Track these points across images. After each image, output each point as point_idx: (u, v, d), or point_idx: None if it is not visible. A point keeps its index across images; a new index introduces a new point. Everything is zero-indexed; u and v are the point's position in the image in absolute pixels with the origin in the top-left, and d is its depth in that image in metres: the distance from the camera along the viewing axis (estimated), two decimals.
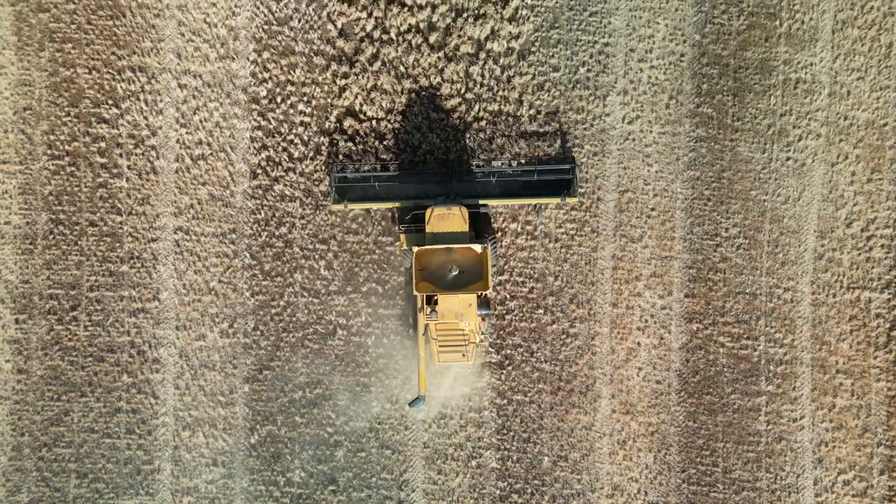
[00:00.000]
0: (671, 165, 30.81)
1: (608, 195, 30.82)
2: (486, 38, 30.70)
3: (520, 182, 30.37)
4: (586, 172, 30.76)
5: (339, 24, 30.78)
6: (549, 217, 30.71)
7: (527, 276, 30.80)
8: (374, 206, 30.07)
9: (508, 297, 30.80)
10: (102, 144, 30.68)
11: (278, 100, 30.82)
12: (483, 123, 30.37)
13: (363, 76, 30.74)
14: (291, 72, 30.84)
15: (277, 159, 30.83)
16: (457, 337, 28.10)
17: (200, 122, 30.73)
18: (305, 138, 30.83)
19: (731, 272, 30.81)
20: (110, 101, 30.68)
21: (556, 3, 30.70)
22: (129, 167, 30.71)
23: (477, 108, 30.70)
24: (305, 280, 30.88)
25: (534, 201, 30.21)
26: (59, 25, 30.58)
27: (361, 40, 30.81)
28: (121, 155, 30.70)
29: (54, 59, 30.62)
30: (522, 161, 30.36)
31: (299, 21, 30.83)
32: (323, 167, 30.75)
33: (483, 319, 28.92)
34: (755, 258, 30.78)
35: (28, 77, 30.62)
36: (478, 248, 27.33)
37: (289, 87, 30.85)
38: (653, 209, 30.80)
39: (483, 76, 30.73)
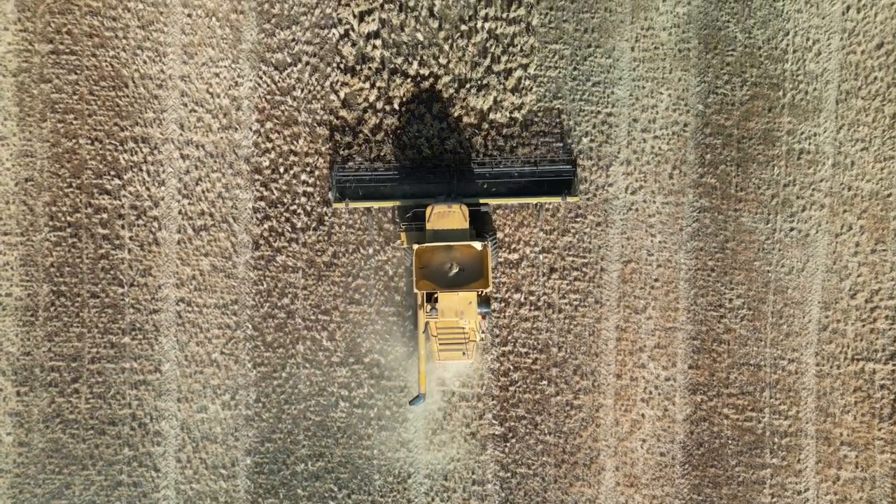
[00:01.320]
0: (675, 236, 30.73)
1: (611, 266, 30.73)
2: (489, 109, 30.66)
3: (521, 181, 30.18)
4: (589, 242, 30.69)
5: (341, 95, 30.73)
6: (552, 287, 30.63)
7: (530, 346, 30.69)
8: (375, 204, 29.92)
9: (512, 368, 30.69)
10: (104, 215, 30.59)
11: (281, 170, 30.76)
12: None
13: (366, 146, 30.68)
14: (294, 142, 30.79)
15: (280, 230, 30.74)
16: (457, 335, 27.92)
17: (203, 192, 30.66)
18: (308, 208, 30.75)
19: (735, 343, 30.70)
20: (112, 172, 30.61)
21: (559, 73, 30.67)
22: (131, 238, 30.62)
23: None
24: (308, 351, 30.76)
25: (534, 200, 30.06)
26: (62, 96, 30.53)
27: (364, 110, 30.77)
28: (123, 226, 30.61)
29: (56, 129, 30.56)
30: (523, 160, 30.20)
31: (302, 91, 30.79)
32: (326, 237, 30.69)
33: (483, 317, 28.67)
34: (759, 329, 30.67)
35: (30, 148, 30.56)
36: (478, 245, 27.23)
37: (291, 158, 30.79)
38: (656, 280, 30.71)
39: (486, 146, 30.68)
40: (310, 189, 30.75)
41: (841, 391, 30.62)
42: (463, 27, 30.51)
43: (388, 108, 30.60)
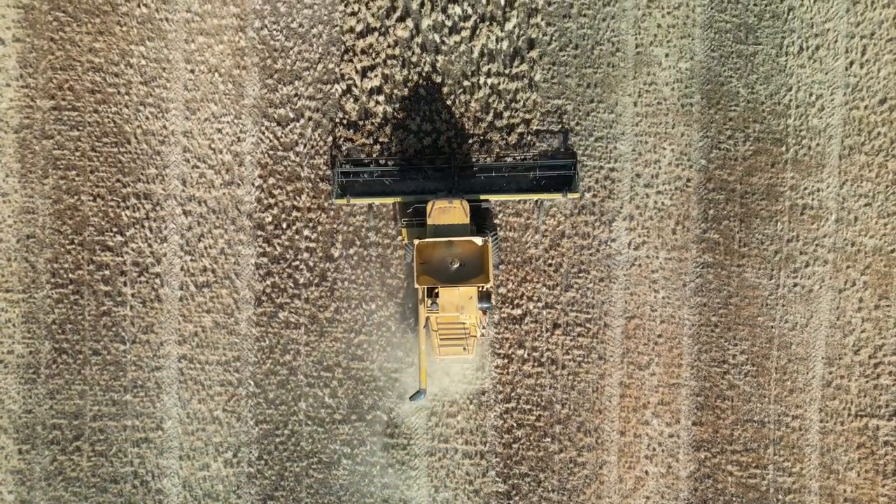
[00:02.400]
0: (678, 291, 30.67)
1: (615, 321, 30.66)
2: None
3: (521, 178, 30.20)
4: (592, 298, 30.63)
5: (344, 150, 30.69)
6: (556, 343, 30.55)
7: (534, 403, 30.59)
8: (376, 200, 29.95)
9: (515, 425, 30.59)
10: (106, 272, 30.51)
11: (284, 226, 30.70)
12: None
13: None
14: (297, 197, 30.73)
15: (282, 286, 30.66)
16: (457, 330, 27.88)
17: (205, 249, 30.59)
18: (311, 264, 30.67)
19: (739, 400, 30.61)
20: (115, 229, 30.53)
21: (562, 128, 30.64)
22: (133, 295, 30.53)
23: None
24: (310, 408, 30.65)
25: (535, 196, 30.02)
26: (64, 153, 30.47)
27: (368, 165, 30.71)
28: (125, 283, 30.52)
29: (58, 186, 30.50)
30: (524, 157, 30.20)
31: (305, 146, 30.75)
32: (328, 293, 30.63)
33: (484, 313, 28.56)
34: (763, 386, 30.59)
35: (32, 205, 30.49)
36: (478, 240, 27.20)
37: (294, 213, 30.73)
38: (660, 336, 30.64)
39: (489, 202, 30.59)
40: (312, 244, 30.67)
41: (844, 448, 30.53)
42: (465, 83, 30.48)
43: (390, 162, 30.54)
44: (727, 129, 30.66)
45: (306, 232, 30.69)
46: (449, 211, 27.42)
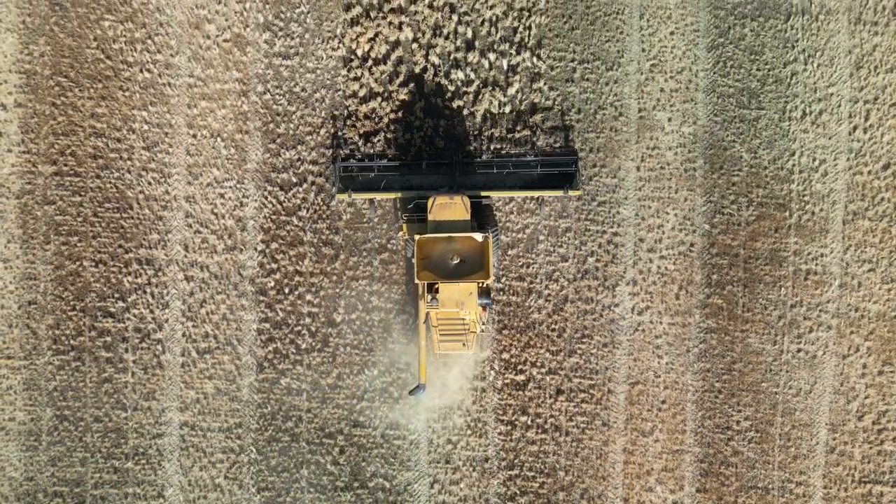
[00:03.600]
0: (682, 357, 30.58)
1: (618, 387, 30.56)
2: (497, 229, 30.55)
3: (522, 174, 30.19)
4: (596, 363, 30.55)
5: (347, 215, 30.63)
6: (559, 409, 30.45)
7: (537, 470, 30.47)
8: (377, 195, 29.90)
9: (518, 492, 30.47)
10: (108, 339, 30.42)
11: (286, 291, 30.62)
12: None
13: (372, 266, 30.58)
14: (300, 262, 30.66)
15: (284, 352, 30.57)
16: (457, 326, 27.80)
17: (207, 314, 30.50)
18: (313, 329, 30.59)
19: (743, 466, 30.50)
20: (116, 295, 30.45)
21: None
22: (134, 362, 30.43)
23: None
24: (312, 475, 30.52)
25: (536, 193, 29.97)
26: (65, 218, 30.40)
27: (370, 228, 30.67)
28: (126, 349, 30.42)
29: (60, 252, 30.42)
30: (525, 153, 30.15)
31: (308, 211, 30.69)
32: (331, 359, 30.54)
33: (484, 309, 28.37)
34: (767, 452, 30.48)
35: (33, 270, 30.41)
36: (479, 237, 27.16)
37: (297, 278, 30.66)
38: (663, 402, 30.54)
39: (492, 266, 30.51)
40: (315, 310, 30.60)
41: None
42: (468, 147, 30.46)
43: (393, 226, 30.53)
44: (730, 194, 30.62)
45: (308, 297, 30.62)
46: (450, 207, 27.45)
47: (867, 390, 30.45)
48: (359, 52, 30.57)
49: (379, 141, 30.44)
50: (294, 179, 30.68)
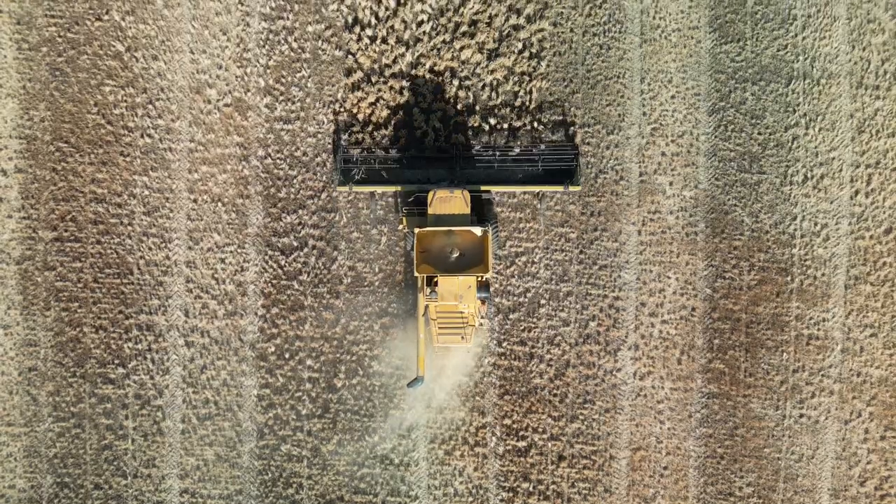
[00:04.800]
0: (684, 422, 30.48)
1: (620, 453, 30.45)
2: (496, 293, 30.50)
3: (523, 170, 30.21)
4: (598, 429, 30.44)
5: (348, 279, 30.58)
6: (561, 476, 30.33)
7: None
8: (378, 188, 29.93)
9: None
10: (108, 405, 30.34)
11: (286, 356, 30.54)
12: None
13: (372, 331, 30.50)
14: (300, 327, 30.59)
15: (285, 417, 30.47)
16: (456, 319, 27.83)
17: (207, 380, 30.42)
18: (313, 395, 30.50)
19: None
20: (117, 361, 30.37)
21: (566, 256, 30.55)
22: (134, 428, 30.34)
23: (486, 361, 30.53)
24: None
25: (536, 188, 29.96)
26: (66, 284, 30.35)
27: (372, 293, 30.61)
28: (126, 416, 30.33)
29: (60, 318, 30.35)
30: (526, 148, 30.15)
31: (308, 275, 30.63)
32: (331, 425, 30.46)
33: (482, 303, 28.45)
34: None
35: (34, 337, 30.34)
36: (478, 231, 27.25)
37: (297, 343, 30.58)
38: (665, 467, 30.43)
39: (493, 329, 30.51)
40: (315, 375, 30.51)
41: None
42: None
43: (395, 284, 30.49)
44: (732, 258, 30.56)
45: (309, 362, 30.54)
46: (450, 201, 27.56)
47: (869, 455, 30.34)
48: (360, 117, 30.55)
49: (380, 206, 30.40)
50: (295, 244, 30.63)
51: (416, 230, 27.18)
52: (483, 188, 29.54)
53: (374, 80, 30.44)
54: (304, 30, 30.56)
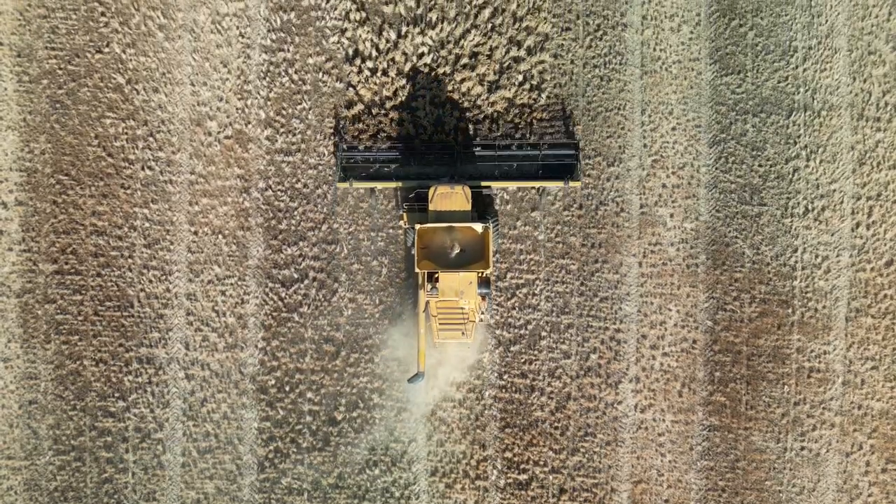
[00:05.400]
0: (685, 455, 30.44)
1: (621, 486, 30.40)
2: (496, 325, 30.48)
3: (523, 165, 30.21)
4: (599, 462, 30.40)
5: (348, 311, 30.55)
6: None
7: None
8: (378, 185, 29.91)
9: None
10: (108, 438, 30.29)
11: (287, 388, 30.50)
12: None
13: (373, 363, 30.49)
14: (301, 359, 30.56)
15: (285, 451, 30.42)
16: (456, 315, 27.78)
17: (208, 413, 30.38)
18: (314, 428, 30.45)
19: None
20: (117, 394, 30.33)
21: (567, 288, 30.52)
22: (134, 462, 30.29)
23: (487, 393, 30.50)
24: None
25: (537, 184, 29.95)
26: (66, 317, 30.31)
27: (373, 325, 30.59)
28: (127, 450, 30.29)
29: (60, 351, 30.32)
30: (526, 143, 30.10)
31: (309, 307, 30.61)
32: (332, 458, 30.42)
33: (483, 299, 28.40)
34: None
35: (34, 370, 30.31)
36: (479, 227, 27.24)
37: (297, 376, 30.55)
38: (667, 500, 30.38)
39: (494, 363, 30.49)
40: (316, 408, 30.47)
41: None
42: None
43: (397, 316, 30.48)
44: (733, 290, 30.54)
45: (309, 395, 30.50)
46: (451, 197, 27.49)
47: (870, 488, 30.30)
48: (360, 147, 30.55)
49: (380, 238, 30.38)
50: (295, 275, 30.61)
51: (417, 226, 27.23)
52: (484, 184, 29.56)
53: (374, 111, 30.43)
54: (305, 62, 30.57)
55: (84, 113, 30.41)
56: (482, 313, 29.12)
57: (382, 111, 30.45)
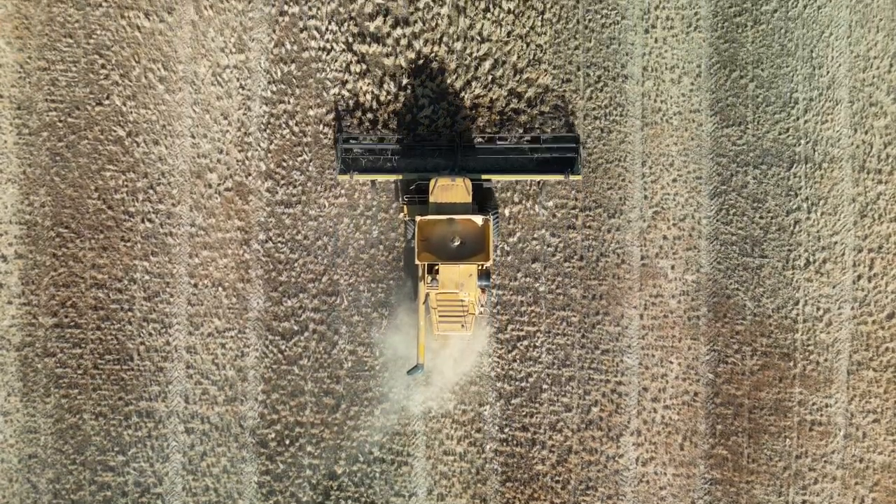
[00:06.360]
0: None
1: None
2: (498, 377, 30.40)
3: (524, 159, 30.17)
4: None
5: (348, 363, 30.48)
6: None
7: None
8: (379, 177, 29.91)
9: None
10: (108, 493, 30.19)
11: (287, 442, 30.40)
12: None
13: (373, 415, 30.40)
14: (300, 412, 30.47)
15: None
16: (456, 307, 27.79)
17: (207, 467, 30.28)
18: (314, 482, 30.34)
19: None
20: (116, 448, 30.24)
21: (568, 340, 30.44)
22: None
23: (488, 447, 30.41)
24: None
25: (537, 177, 29.94)
26: (66, 370, 30.24)
27: (373, 377, 30.51)
28: None
29: (60, 405, 30.23)
30: (527, 137, 30.10)
31: (309, 360, 30.52)
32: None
33: (483, 291, 28.40)
34: None
35: (34, 424, 30.22)
36: (479, 220, 27.28)
37: (297, 429, 30.45)
38: None
39: (495, 416, 30.39)
40: (316, 461, 30.36)
41: None
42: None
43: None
44: (734, 342, 30.46)
45: (309, 448, 30.39)
46: (451, 189, 27.56)
47: None
48: (361, 203, 30.48)
49: (380, 289, 30.31)
50: (295, 328, 30.54)
51: (418, 218, 27.26)
52: (484, 177, 29.55)
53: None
54: (306, 114, 30.55)
55: (84, 165, 30.39)
56: (482, 306, 29.14)
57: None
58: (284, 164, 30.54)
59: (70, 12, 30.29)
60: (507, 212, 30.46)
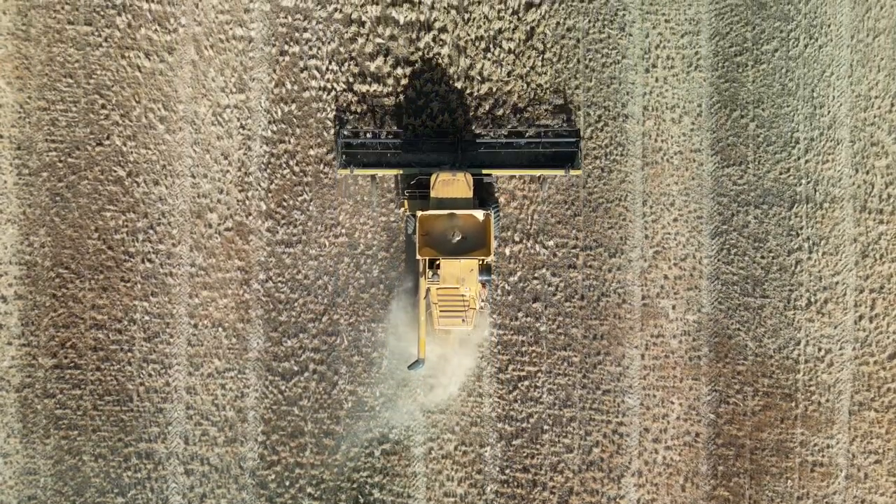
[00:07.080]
0: None
1: None
2: (499, 418, 30.32)
3: (524, 153, 30.09)
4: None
5: (349, 403, 30.39)
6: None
7: None
8: (379, 172, 29.81)
9: None
10: None
11: (287, 483, 30.30)
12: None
13: (373, 457, 30.30)
14: (300, 453, 30.37)
15: None
16: (457, 302, 27.71)
17: None
18: None
19: None
20: (116, 490, 30.13)
21: (569, 380, 30.37)
22: None
23: (489, 488, 30.30)
24: None
25: (537, 172, 29.86)
26: (65, 412, 30.15)
27: (373, 418, 30.42)
28: None
29: (60, 446, 30.14)
30: (527, 132, 30.02)
31: (309, 400, 30.44)
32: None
33: (484, 286, 28.34)
34: None
35: (33, 465, 30.12)
36: (480, 214, 27.26)
37: (297, 470, 30.36)
38: None
39: (496, 457, 30.29)
40: (316, 502, 30.25)
41: None
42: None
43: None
44: (736, 383, 30.38)
45: (309, 489, 30.29)
46: (452, 184, 27.51)
47: None
48: (362, 242, 30.46)
49: (381, 329, 30.25)
50: (295, 368, 30.46)
51: (419, 213, 27.27)
52: (485, 171, 29.49)
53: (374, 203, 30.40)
54: (306, 153, 30.52)
55: (84, 206, 30.32)
56: (483, 300, 29.07)
57: (382, 203, 30.35)
58: (285, 203, 30.50)
59: (70, 52, 30.26)
60: (507, 251, 30.42)
